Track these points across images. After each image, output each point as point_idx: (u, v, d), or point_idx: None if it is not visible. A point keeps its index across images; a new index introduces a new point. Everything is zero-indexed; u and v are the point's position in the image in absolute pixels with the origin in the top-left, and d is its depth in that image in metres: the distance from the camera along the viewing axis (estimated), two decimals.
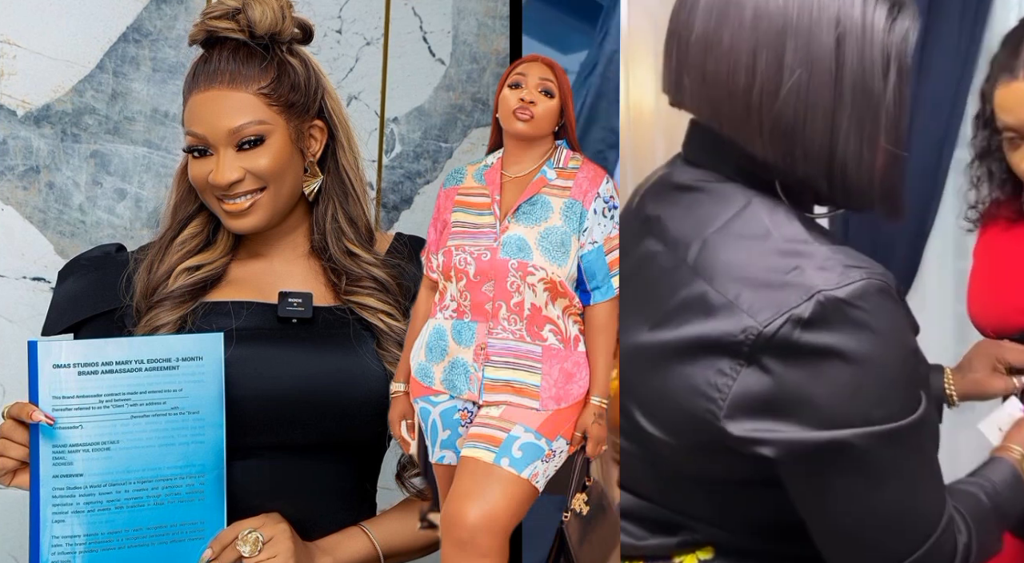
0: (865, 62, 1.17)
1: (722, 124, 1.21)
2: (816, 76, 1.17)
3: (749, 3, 1.18)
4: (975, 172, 1.63)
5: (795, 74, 1.16)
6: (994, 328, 1.57)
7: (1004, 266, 1.59)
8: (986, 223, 1.64)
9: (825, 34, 1.16)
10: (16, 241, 2.11)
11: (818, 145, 1.18)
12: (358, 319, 1.61)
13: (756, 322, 1.14)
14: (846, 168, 1.19)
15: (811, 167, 1.19)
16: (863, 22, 1.17)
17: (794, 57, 1.17)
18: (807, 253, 1.16)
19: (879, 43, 1.18)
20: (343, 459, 1.62)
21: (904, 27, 1.19)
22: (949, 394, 1.57)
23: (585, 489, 1.34)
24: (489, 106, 2.28)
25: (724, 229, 1.20)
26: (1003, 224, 1.61)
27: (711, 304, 1.18)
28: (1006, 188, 1.59)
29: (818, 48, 1.16)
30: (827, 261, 1.15)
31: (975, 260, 1.64)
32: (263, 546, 1.51)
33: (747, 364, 1.16)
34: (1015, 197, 1.59)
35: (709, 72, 1.20)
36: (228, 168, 1.54)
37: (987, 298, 1.59)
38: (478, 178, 1.38)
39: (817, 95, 1.17)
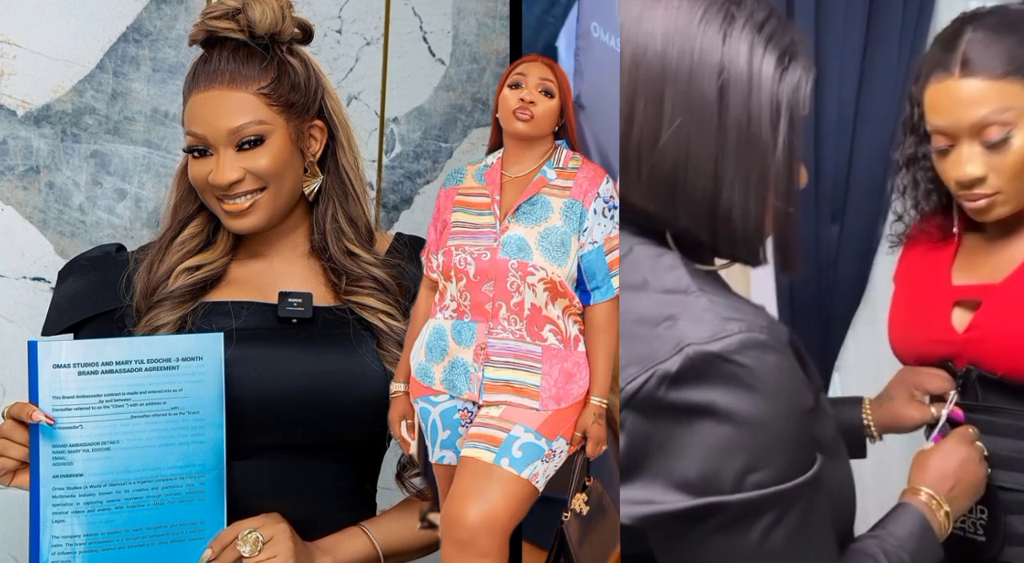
0: (752, 112, 1.11)
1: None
2: (698, 125, 1.10)
3: (628, 49, 1.12)
4: (900, 181, 1.57)
5: (676, 122, 1.11)
6: (914, 358, 1.54)
7: (923, 293, 1.54)
8: (909, 243, 1.59)
9: (707, 82, 1.10)
10: (16, 241, 2.11)
11: (700, 197, 1.12)
12: (358, 319, 1.61)
13: (623, 377, 1.07)
14: (731, 221, 1.12)
15: (694, 219, 1.13)
16: (749, 71, 1.11)
17: (673, 104, 1.11)
18: (684, 304, 1.08)
19: (768, 93, 1.12)
20: (343, 459, 1.62)
21: (795, 78, 1.13)
22: (867, 425, 1.54)
23: (585, 489, 1.34)
24: (489, 106, 2.28)
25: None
26: (925, 245, 1.56)
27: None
28: (931, 200, 1.53)
29: (699, 96, 1.10)
30: (705, 313, 1.07)
31: (896, 284, 1.60)
32: (263, 546, 1.51)
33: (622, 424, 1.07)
34: (939, 213, 1.54)
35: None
36: (228, 168, 1.54)
37: (906, 327, 1.55)
38: (478, 178, 1.38)
39: (699, 143, 1.11)
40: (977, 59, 1.40)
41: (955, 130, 1.43)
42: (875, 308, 1.44)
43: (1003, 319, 1.44)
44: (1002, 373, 1.44)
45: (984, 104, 1.40)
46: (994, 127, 1.40)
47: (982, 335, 1.46)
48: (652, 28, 1.11)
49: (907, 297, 1.57)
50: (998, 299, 1.45)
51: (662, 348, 1.05)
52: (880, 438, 1.55)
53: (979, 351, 1.46)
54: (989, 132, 1.40)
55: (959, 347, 1.48)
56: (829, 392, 1.80)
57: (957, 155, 1.43)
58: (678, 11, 1.12)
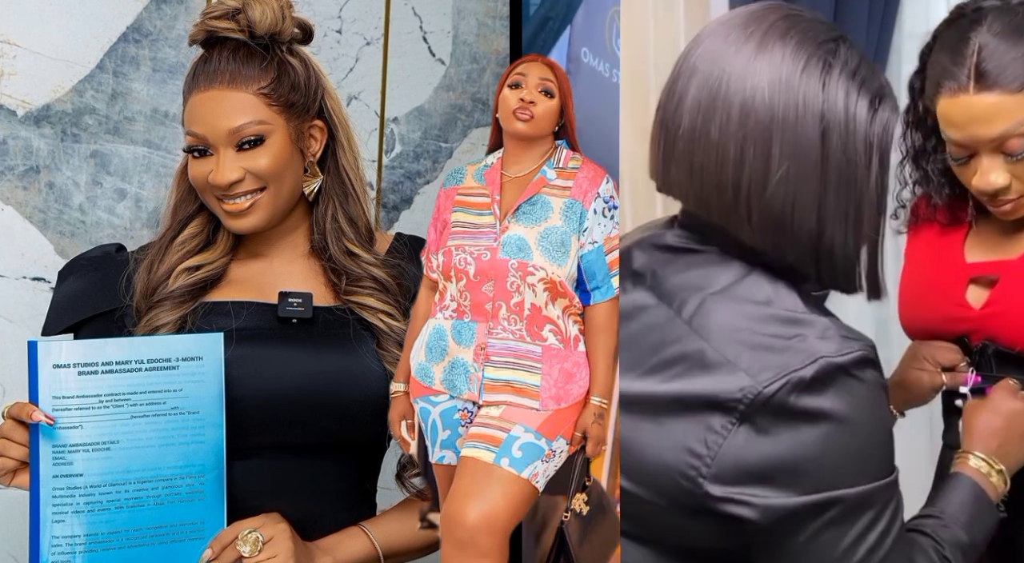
0: (849, 153, 1.20)
1: (710, 213, 1.23)
2: (803, 168, 1.19)
3: (736, 98, 1.19)
4: (909, 174, 1.55)
5: (783, 167, 1.18)
6: (925, 335, 1.53)
7: (936, 271, 1.53)
8: (920, 223, 1.57)
9: (811, 128, 1.18)
10: (16, 241, 2.11)
11: (806, 234, 1.21)
12: (358, 319, 1.61)
13: (755, 382, 1.15)
14: (833, 254, 1.22)
15: (799, 254, 1.21)
16: (846, 115, 1.19)
17: (781, 150, 1.18)
18: (808, 322, 1.19)
19: (862, 135, 1.20)
20: (343, 459, 1.62)
21: (885, 118, 1.22)
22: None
23: (585, 489, 1.34)
24: (489, 106, 2.28)
25: (725, 292, 1.22)
26: (939, 227, 1.55)
27: (708, 361, 1.18)
28: (943, 193, 1.52)
29: (804, 141, 1.18)
30: (827, 331, 1.18)
31: (907, 261, 1.59)
32: (263, 546, 1.51)
33: (739, 423, 1.16)
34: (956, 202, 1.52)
35: (696, 164, 1.22)
36: (228, 168, 1.54)
37: (918, 305, 1.54)
38: (478, 178, 1.38)
39: (804, 186, 1.19)
40: (992, 73, 1.37)
41: (974, 145, 1.41)
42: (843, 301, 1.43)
43: (1021, 293, 1.43)
44: (1021, 348, 1.43)
45: (1003, 120, 1.38)
46: (1015, 140, 1.38)
47: (1001, 310, 1.44)
48: (757, 81, 1.19)
49: (919, 276, 1.55)
50: (1016, 274, 1.44)
51: (795, 358, 1.15)
52: (903, 415, 1.55)
53: (997, 327, 1.45)
54: (1010, 145, 1.38)
55: (976, 323, 1.46)
56: None
57: (978, 166, 1.42)
58: (781, 63, 1.20)
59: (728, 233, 1.22)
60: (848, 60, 1.21)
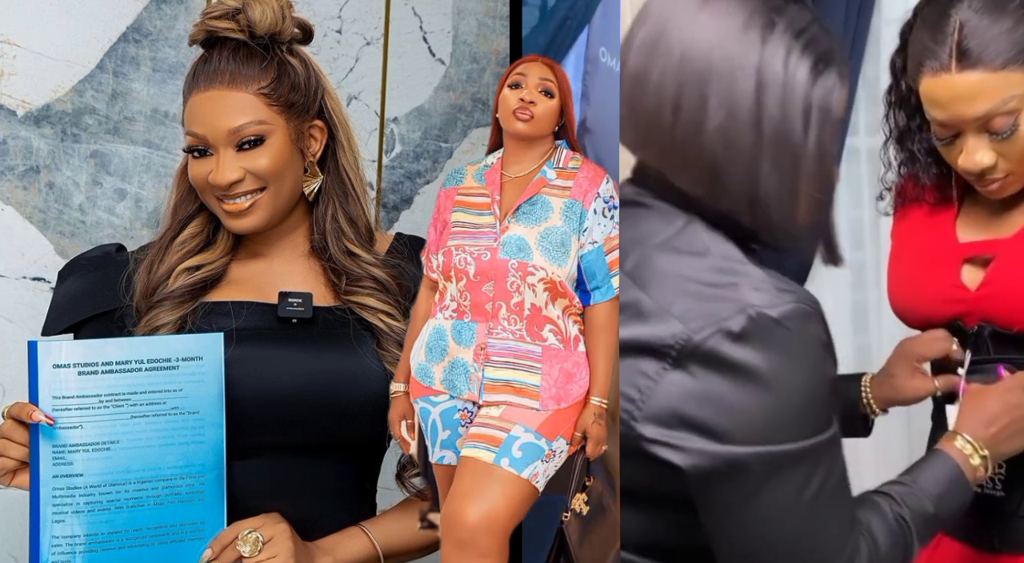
0: (786, 113, 1.19)
1: (649, 157, 1.24)
2: (736, 122, 1.18)
3: (677, 46, 1.19)
4: (892, 154, 1.53)
5: (718, 117, 1.18)
6: (918, 319, 1.50)
7: (928, 253, 1.50)
8: (908, 205, 1.54)
9: (745, 83, 1.18)
10: (16, 241, 2.11)
11: (738, 185, 1.20)
12: (358, 319, 1.61)
13: (687, 329, 1.15)
14: (768, 210, 1.21)
15: (732, 204, 1.21)
16: (784, 75, 1.18)
17: (716, 101, 1.18)
18: (743, 273, 1.18)
19: (800, 96, 1.19)
20: (343, 459, 1.62)
21: (830, 83, 1.20)
22: (867, 403, 1.52)
23: (585, 489, 1.34)
24: (489, 106, 2.28)
25: (665, 243, 1.22)
26: (928, 208, 1.51)
27: (644, 310, 1.19)
28: (931, 173, 1.49)
29: (739, 96, 1.18)
30: (762, 283, 1.17)
31: (895, 244, 1.56)
32: (263, 546, 1.51)
33: (672, 369, 1.17)
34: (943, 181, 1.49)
35: (638, 106, 1.22)
36: (228, 168, 1.54)
37: (911, 289, 1.51)
38: (478, 178, 1.38)
39: (738, 138, 1.19)
40: (974, 51, 1.35)
41: (958, 124, 1.39)
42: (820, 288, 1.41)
43: (1018, 273, 1.40)
44: (1019, 329, 1.41)
45: (987, 98, 1.35)
46: (999, 118, 1.36)
47: (998, 290, 1.41)
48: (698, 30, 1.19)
49: (909, 258, 1.52)
50: (1012, 253, 1.42)
51: (726, 308, 1.15)
52: (885, 412, 1.53)
53: (994, 307, 1.42)
54: (995, 124, 1.36)
55: (972, 304, 1.43)
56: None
57: (963, 145, 1.39)
58: (724, 15, 1.19)
59: (667, 180, 1.22)
60: (795, 20, 1.20)
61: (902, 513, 1.27)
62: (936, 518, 1.30)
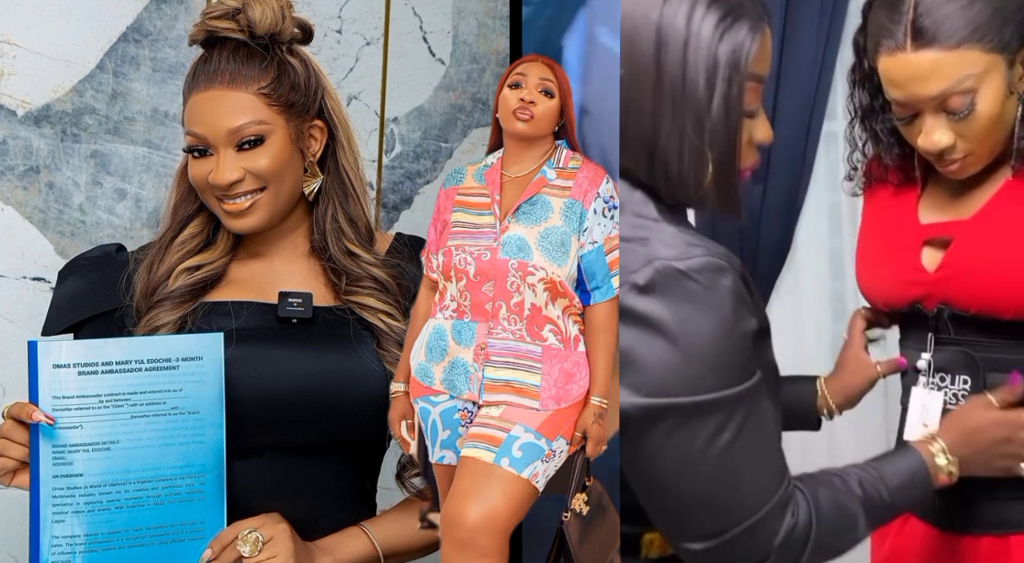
0: (688, 70, 1.19)
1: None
2: (638, 78, 1.19)
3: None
4: (858, 134, 1.50)
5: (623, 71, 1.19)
6: (883, 301, 1.49)
7: (891, 234, 1.48)
8: (874, 185, 1.52)
9: (647, 40, 1.18)
10: (16, 241, 2.11)
11: (638, 138, 1.21)
12: (358, 319, 1.61)
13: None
14: (667, 166, 1.21)
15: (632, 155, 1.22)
16: (687, 31, 1.18)
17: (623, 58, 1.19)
18: (656, 228, 1.20)
19: (704, 52, 1.19)
20: (343, 459, 1.62)
21: (739, 39, 1.19)
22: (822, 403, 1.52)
23: (585, 489, 1.34)
24: (489, 106, 2.28)
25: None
26: (892, 188, 1.49)
27: None
28: (893, 153, 1.47)
29: (640, 53, 1.18)
30: (673, 238, 1.19)
31: (863, 225, 1.54)
32: (263, 546, 1.51)
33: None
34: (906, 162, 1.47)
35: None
36: (228, 168, 1.54)
37: (875, 270, 1.50)
38: (478, 178, 1.38)
39: (638, 94, 1.19)
40: (929, 29, 1.33)
41: (916, 104, 1.37)
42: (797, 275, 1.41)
43: (975, 255, 1.38)
44: (976, 310, 1.39)
45: (943, 78, 1.33)
46: (956, 97, 1.34)
47: (955, 273, 1.40)
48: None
49: (874, 239, 1.51)
50: (969, 235, 1.39)
51: (634, 261, 1.17)
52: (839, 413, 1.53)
53: (952, 290, 1.40)
54: (952, 103, 1.34)
55: (931, 287, 1.42)
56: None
57: (921, 125, 1.37)
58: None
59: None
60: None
61: (856, 493, 1.27)
62: (891, 508, 1.31)
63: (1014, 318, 1.38)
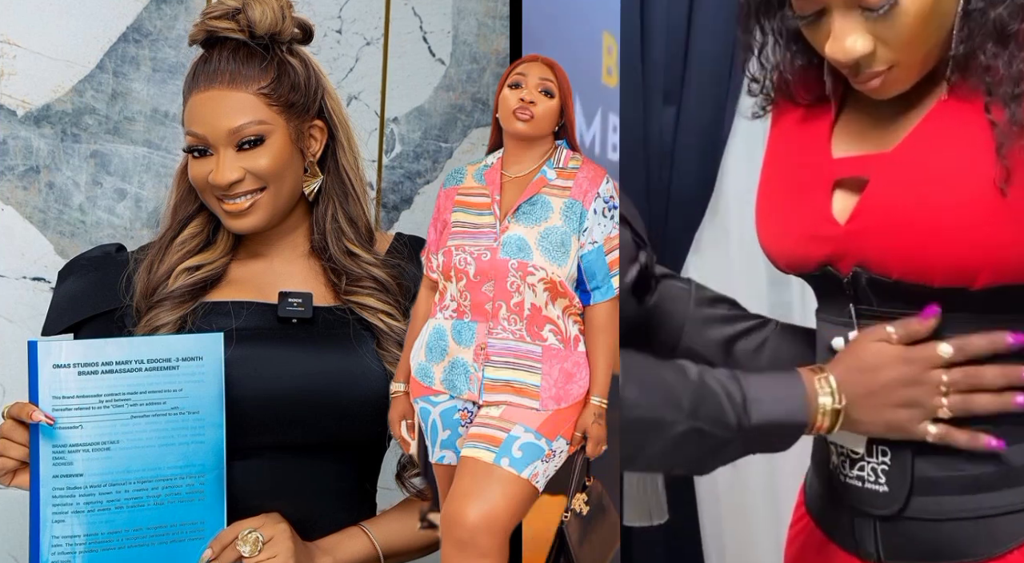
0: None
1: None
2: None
3: None
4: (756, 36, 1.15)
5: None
6: (787, 262, 1.18)
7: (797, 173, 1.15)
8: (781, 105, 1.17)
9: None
10: (16, 241, 2.11)
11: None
12: (358, 319, 1.61)
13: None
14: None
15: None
16: None
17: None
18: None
19: None
20: (343, 459, 1.62)
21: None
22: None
23: (585, 489, 1.34)
24: (489, 106, 2.28)
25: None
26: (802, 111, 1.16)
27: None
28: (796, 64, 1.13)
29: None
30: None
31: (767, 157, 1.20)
32: (263, 546, 1.51)
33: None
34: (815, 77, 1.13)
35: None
36: (228, 168, 1.54)
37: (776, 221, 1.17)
38: (478, 178, 1.38)
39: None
40: None
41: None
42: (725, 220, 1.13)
43: (895, 200, 1.07)
44: (897, 276, 1.08)
45: None
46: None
47: (868, 224, 1.09)
48: None
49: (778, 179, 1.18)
50: (888, 173, 1.08)
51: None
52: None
53: (868, 247, 1.10)
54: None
55: (842, 243, 1.11)
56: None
57: (830, 26, 1.05)
58: None
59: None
60: None
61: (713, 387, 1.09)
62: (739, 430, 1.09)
63: (945, 285, 1.07)
